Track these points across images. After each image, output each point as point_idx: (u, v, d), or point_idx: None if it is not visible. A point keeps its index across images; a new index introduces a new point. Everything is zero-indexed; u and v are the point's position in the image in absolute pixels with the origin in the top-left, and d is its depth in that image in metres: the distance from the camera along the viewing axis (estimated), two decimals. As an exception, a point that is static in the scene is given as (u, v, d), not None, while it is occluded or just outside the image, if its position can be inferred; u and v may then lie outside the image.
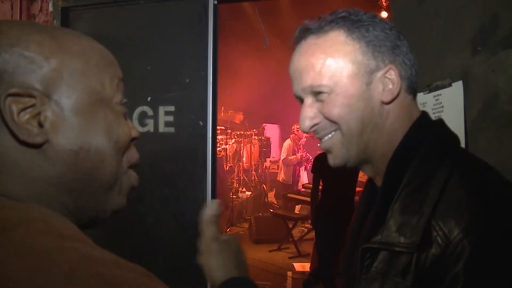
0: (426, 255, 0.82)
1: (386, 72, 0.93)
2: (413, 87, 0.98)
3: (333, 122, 0.96)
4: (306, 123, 0.98)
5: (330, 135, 0.98)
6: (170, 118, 2.68)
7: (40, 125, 0.65)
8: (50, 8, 2.93)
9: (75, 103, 0.68)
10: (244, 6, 7.49)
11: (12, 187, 0.65)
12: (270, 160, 11.39)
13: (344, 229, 4.80)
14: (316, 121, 0.98)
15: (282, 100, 11.31)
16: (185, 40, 2.68)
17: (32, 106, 0.64)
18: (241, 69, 9.90)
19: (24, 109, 0.64)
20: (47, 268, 0.50)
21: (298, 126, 9.20)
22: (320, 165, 4.82)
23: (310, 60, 0.96)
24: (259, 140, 11.12)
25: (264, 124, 11.58)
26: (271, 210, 8.22)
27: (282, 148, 9.56)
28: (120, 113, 0.75)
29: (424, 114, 1.00)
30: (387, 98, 0.94)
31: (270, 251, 7.01)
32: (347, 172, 4.66)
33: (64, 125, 0.67)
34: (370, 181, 1.10)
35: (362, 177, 7.28)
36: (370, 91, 0.93)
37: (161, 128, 2.69)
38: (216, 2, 2.65)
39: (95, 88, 0.71)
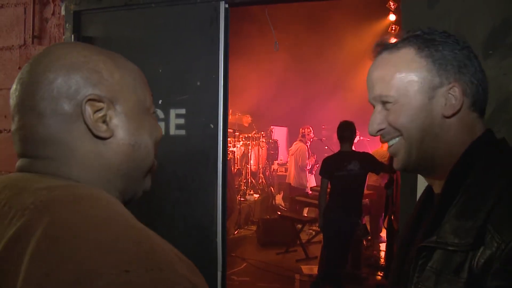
0: (480, 255, 0.89)
1: (449, 89, 1.01)
2: (478, 105, 1.05)
3: (396, 129, 1.07)
4: (374, 126, 1.10)
5: (394, 141, 1.09)
6: (181, 121, 2.70)
7: (106, 124, 0.85)
8: (63, 12, 2.96)
9: (130, 110, 0.88)
10: (254, 9, 7.51)
11: (82, 174, 0.83)
12: (277, 163, 11.37)
13: (352, 232, 4.80)
14: (382, 126, 1.09)
15: (290, 103, 11.33)
16: (196, 43, 2.69)
17: (101, 109, 0.84)
18: (249, 72, 9.91)
19: (96, 111, 0.83)
20: (102, 230, 0.66)
21: (308, 129, 9.15)
22: (328, 167, 4.82)
23: (381, 72, 1.08)
24: (267, 142, 11.12)
25: (271, 127, 11.58)
26: (279, 213, 8.22)
27: (297, 152, 9.25)
28: (155, 119, 0.98)
29: (489, 131, 1.08)
30: (448, 112, 1.02)
31: (278, 253, 7.00)
32: (356, 175, 4.66)
33: (123, 126, 0.87)
34: (428, 187, 1.19)
35: (371, 181, 7.28)
36: (432, 105, 1.03)
37: (172, 131, 2.71)
38: (227, 5, 2.67)
39: (142, 100, 0.92)
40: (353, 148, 4.96)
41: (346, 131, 4.84)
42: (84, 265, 0.61)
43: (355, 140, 5.10)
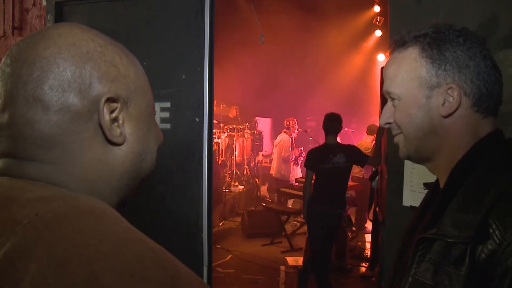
0: (482, 249, 0.91)
1: (447, 89, 1.04)
2: (482, 106, 1.04)
3: (398, 126, 1.12)
4: (383, 120, 1.16)
5: (397, 135, 1.15)
6: (166, 115, 2.66)
7: (119, 128, 0.74)
8: (44, 3, 2.89)
9: (141, 114, 0.78)
10: (239, 0, 7.46)
11: (81, 182, 0.72)
12: (262, 154, 11.37)
13: (337, 223, 4.81)
14: (390, 120, 1.14)
15: (275, 94, 11.32)
16: (181, 36, 2.66)
17: (115, 110, 0.73)
18: (234, 63, 9.86)
19: (110, 112, 0.73)
20: (121, 252, 0.57)
21: (292, 121, 9.13)
22: (313, 159, 4.82)
23: (389, 70, 1.13)
24: (252, 134, 11.10)
25: (256, 118, 11.56)
26: (264, 204, 8.22)
27: (280, 143, 9.21)
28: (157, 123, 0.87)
29: (498, 131, 1.08)
30: (444, 112, 1.04)
31: (263, 245, 7.02)
32: (341, 167, 4.67)
33: (133, 132, 0.77)
34: (436, 182, 1.20)
35: (355, 172, 7.31)
36: (430, 104, 1.06)
37: (157, 125, 2.67)
38: (212, -3, 2.63)
39: (149, 103, 0.82)
40: (338, 140, 4.95)
41: (333, 123, 4.82)
42: None
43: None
